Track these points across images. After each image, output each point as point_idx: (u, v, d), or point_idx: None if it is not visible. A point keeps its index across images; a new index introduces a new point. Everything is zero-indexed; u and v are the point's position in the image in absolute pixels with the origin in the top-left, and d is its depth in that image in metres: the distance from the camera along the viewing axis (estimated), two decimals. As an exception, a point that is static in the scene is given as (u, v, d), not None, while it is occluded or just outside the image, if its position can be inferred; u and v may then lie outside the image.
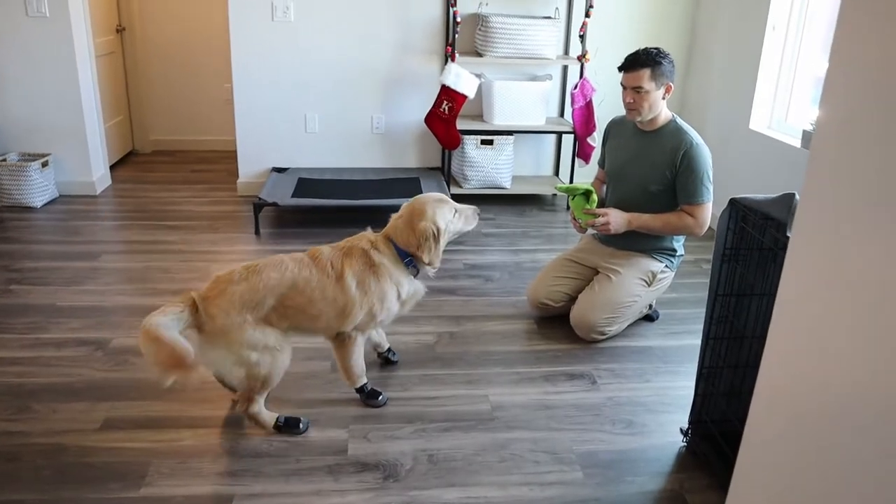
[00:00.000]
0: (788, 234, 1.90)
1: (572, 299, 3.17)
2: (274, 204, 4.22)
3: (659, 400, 2.70)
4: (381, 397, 2.60)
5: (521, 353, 3.00)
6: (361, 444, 2.38)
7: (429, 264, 2.50)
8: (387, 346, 2.88)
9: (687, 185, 2.94)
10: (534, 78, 4.86)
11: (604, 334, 3.07)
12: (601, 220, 2.98)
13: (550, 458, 2.34)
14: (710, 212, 2.97)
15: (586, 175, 4.71)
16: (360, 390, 2.59)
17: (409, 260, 2.48)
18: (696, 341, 3.05)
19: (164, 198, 4.97)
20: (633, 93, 2.93)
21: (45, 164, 4.67)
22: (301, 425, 2.41)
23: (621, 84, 2.98)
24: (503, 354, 2.98)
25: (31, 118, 4.70)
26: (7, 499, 2.09)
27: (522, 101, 4.70)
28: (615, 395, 2.72)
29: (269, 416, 2.41)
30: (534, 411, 2.59)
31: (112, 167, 5.44)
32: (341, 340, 2.48)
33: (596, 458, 2.35)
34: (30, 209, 4.61)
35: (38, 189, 4.63)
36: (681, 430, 2.45)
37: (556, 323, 3.22)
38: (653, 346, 3.10)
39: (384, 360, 2.89)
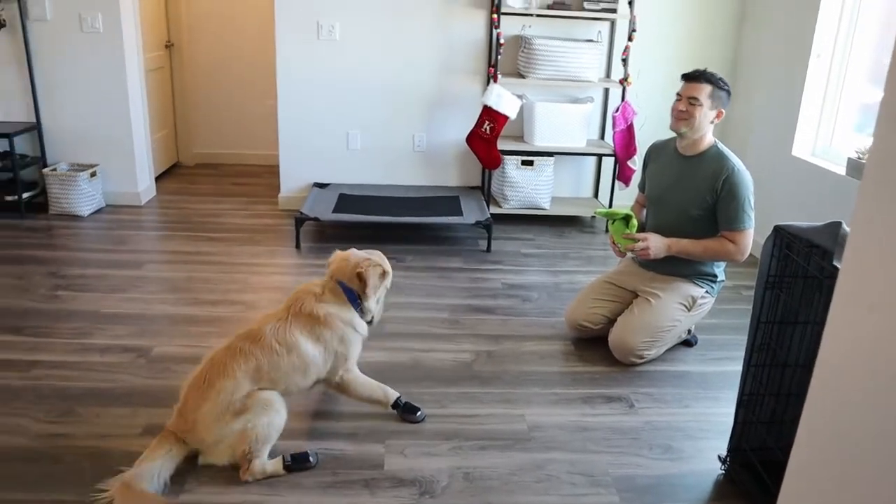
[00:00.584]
0: (835, 263, 1.89)
1: (611, 322, 3.16)
2: (315, 219, 4.27)
3: (697, 426, 2.67)
4: (418, 413, 2.61)
5: (559, 373, 2.99)
6: (398, 460, 2.39)
7: (368, 303, 2.50)
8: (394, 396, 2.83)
9: (728, 210, 2.92)
10: (575, 100, 4.88)
11: (642, 358, 3.05)
12: (641, 244, 2.97)
13: (587, 481, 2.33)
14: (751, 238, 2.95)
15: (626, 198, 4.71)
16: (395, 406, 2.60)
17: (357, 303, 2.48)
18: (736, 368, 3.02)
19: (207, 210, 5.06)
20: (688, 102, 2.94)
21: (93, 175, 4.79)
22: (311, 459, 2.32)
23: (677, 93, 2.99)
24: (541, 375, 2.98)
25: (82, 129, 4.84)
26: (51, 498, 2.14)
27: (563, 123, 4.71)
28: (653, 419, 2.70)
29: (275, 463, 2.29)
30: (571, 433, 2.58)
31: (157, 178, 5.56)
32: (337, 386, 2.51)
33: (633, 483, 2.33)
34: (77, 217, 4.73)
35: (86, 198, 4.74)
36: (719, 457, 2.42)
37: (594, 345, 3.21)
38: (691, 371, 3.07)
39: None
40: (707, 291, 3.12)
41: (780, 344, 2.20)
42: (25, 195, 4.72)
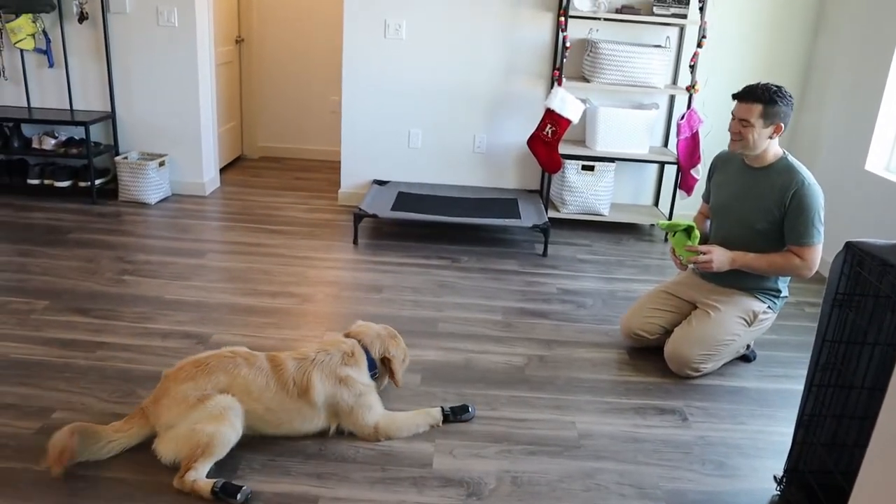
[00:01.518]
0: (910, 283, 1.83)
1: (667, 332, 3.11)
2: (374, 216, 4.31)
3: (752, 444, 2.60)
4: (469, 410, 2.63)
5: (612, 382, 2.95)
6: (446, 459, 2.39)
7: (394, 378, 2.58)
8: None
9: (797, 224, 2.84)
10: (639, 106, 4.81)
11: (698, 371, 2.99)
12: (703, 257, 2.91)
13: (636, 493, 2.29)
14: (819, 254, 2.86)
15: (687, 207, 4.63)
16: (446, 419, 2.60)
17: (375, 372, 2.54)
18: (795, 386, 2.95)
19: (268, 202, 5.15)
20: (740, 124, 2.86)
21: (161, 164, 4.93)
22: (239, 496, 2.12)
23: (732, 112, 2.92)
24: (593, 382, 2.95)
25: (153, 120, 4.99)
26: (109, 476, 2.21)
27: (626, 129, 4.65)
28: (707, 434, 2.64)
29: (204, 485, 2.14)
30: (622, 443, 2.55)
31: (221, 170, 5.69)
32: (378, 436, 2.47)
33: (684, 498, 2.28)
34: (144, 205, 4.87)
35: (154, 187, 4.89)
36: (774, 477, 2.35)
37: (648, 355, 3.16)
38: (749, 387, 2.99)
39: None
40: (769, 307, 3.04)
41: (846, 364, 2.13)
42: (98, 182, 4.89)
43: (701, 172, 4.57)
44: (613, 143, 4.68)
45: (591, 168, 4.70)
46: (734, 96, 2.91)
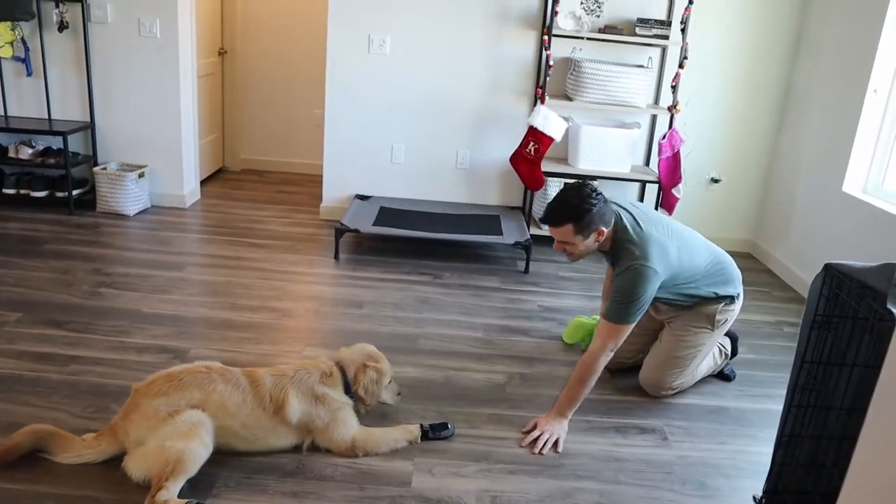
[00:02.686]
0: (889, 307, 1.84)
1: (644, 351, 3.11)
2: (356, 230, 4.29)
3: (733, 464, 2.60)
4: (448, 427, 2.62)
5: (593, 401, 2.94)
6: (426, 478, 2.37)
7: (364, 402, 2.55)
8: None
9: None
10: (622, 125, 4.84)
11: (674, 389, 2.99)
12: (541, 438, 2.62)
13: (617, 513, 2.28)
14: (612, 332, 2.67)
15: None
16: (424, 436, 2.58)
17: (350, 394, 2.53)
18: (775, 406, 2.96)
19: (249, 216, 5.12)
20: (561, 244, 2.73)
21: (141, 175, 4.88)
22: None
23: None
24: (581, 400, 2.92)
25: (133, 131, 4.94)
26: (82, 494, 2.16)
27: (609, 148, 4.67)
28: (687, 454, 2.64)
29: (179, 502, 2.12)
30: (602, 462, 2.54)
31: (202, 182, 5.65)
32: (355, 451, 2.45)
33: (664, 519, 2.28)
34: (123, 217, 4.82)
35: (133, 198, 4.83)
36: (754, 497, 2.35)
37: (629, 374, 3.15)
38: (728, 406, 3.00)
39: None
40: (729, 301, 2.94)
41: (825, 385, 2.13)
42: (75, 192, 4.83)
43: (682, 192, 4.61)
44: (596, 161, 4.70)
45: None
46: (542, 220, 2.81)
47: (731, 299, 2.95)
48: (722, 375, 3.22)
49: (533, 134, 4.48)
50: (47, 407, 2.59)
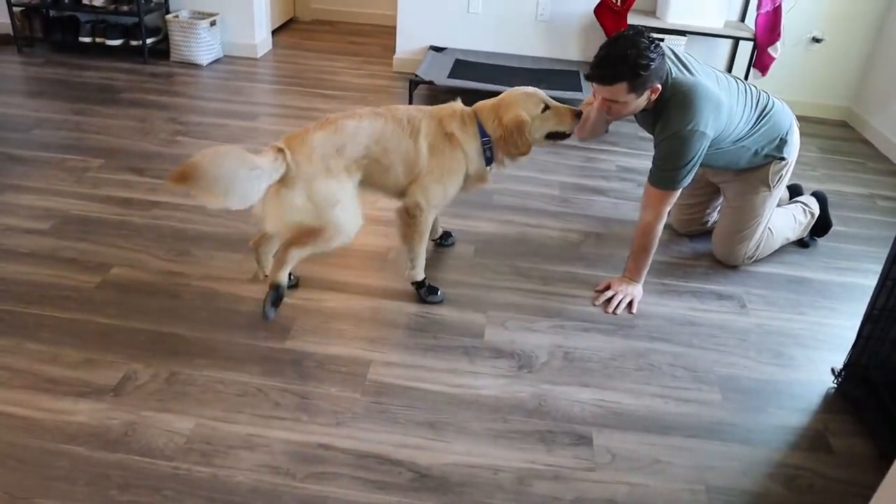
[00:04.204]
0: None
1: (714, 209, 3.03)
2: (430, 83, 4.16)
3: (811, 335, 2.53)
4: (438, 293, 2.53)
5: (670, 264, 2.87)
6: (498, 331, 2.38)
7: (508, 155, 2.41)
8: (440, 231, 2.85)
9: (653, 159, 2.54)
10: (718, -26, 4.45)
11: (752, 258, 2.87)
12: (614, 299, 2.57)
13: (689, 375, 2.26)
14: (662, 198, 2.51)
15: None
16: (420, 285, 2.51)
17: (487, 142, 2.39)
18: (862, 280, 2.85)
19: (321, 66, 5.02)
20: (608, 102, 2.41)
21: (213, 24, 4.79)
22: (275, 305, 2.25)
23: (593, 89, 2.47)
24: (650, 263, 2.86)
25: (206, -24, 4.82)
26: (169, 331, 2.26)
27: (701, 0, 4.33)
28: (765, 322, 2.57)
29: (284, 274, 2.25)
30: (677, 325, 2.50)
31: (273, 32, 5.52)
32: (410, 214, 2.37)
33: (737, 384, 2.25)
34: (196, 66, 4.78)
35: (205, 47, 4.77)
36: (833, 370, 2.29)
37: (710, 238, 3.04)
38: (811, 278, 2.89)
39: (437, 245, 2.85)
40: (779, 158, 2.70)
41: (928, 258, 2.01)
42: (149, 41, 4.79)
43: (779, 50, 4.28)
44: (686, 14, 4.37)
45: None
46: (588, 79, 2.41)
47: (781, 151, 2.68)
48: (801, 243, 3.08)
49: (620, -17, 4.17)
50: (132, 249, 2.67)
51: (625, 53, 2.27)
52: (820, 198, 3.10)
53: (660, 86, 2.38)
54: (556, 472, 1.86)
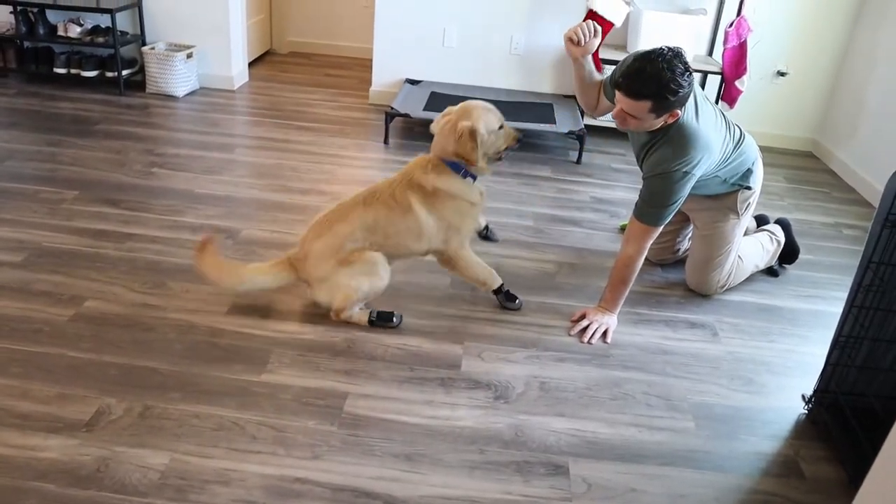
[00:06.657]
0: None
1: (683, 238, 3.10)
2: (406, 115, 4.21)
3: (782, 362, 2.58)
4: (517, 301, 2.71)
5: (643, 294, 2.92)
6: (475, 362, 2.40)
7: (478, 164, 2.49)
8: (484, 223, 3.13)
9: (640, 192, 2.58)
10: (686, 11, 4.57)
11: (724, 286, 2.93)
12: (589, 327, 2.61)
13: (663, 404, 2.29)
14: (643, 234, 2.57)
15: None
16: (498, 291, 2.69)
17: (460, 167, 2.49)
18: (829, 308, 2.91)
19: (298, 99, 5.05)
20: (625, 114, 2.37)
21: (189, 56, 4.82)
22: (394, 319, 2.53)
23: (615, 99, 2.42)
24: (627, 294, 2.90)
25: (181, 10, 4.83)
26: (143, 364, 2.24)
27: (671, 35, 4.41)
28: (736, 350, 2.61)
29: (360, 315, 2.54)
30: (651, 354, 2.54)
31: (250, 65, 5.55)
32: (448, 261, 2.58)
33: (710, 411, 2.28)
34: (172, 98, 4.79)
35: (182, 79, 4.79)
36: (803, 396, 2.33)
37: (681, 267, 3.10)
38: (781, 306, 2.95)
39: (483, 238, 3.11)
40: (745, 188, 2.76)
41: (890, 287, 2.06)
42: (125, 72, 4.80)
43: (746, 84, 4.39)
44: (656, 49, 4.47)
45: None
46: (615, 86, 2.35)
47: (748, 188, 2.76)
48: (770, 272, 3.15)
49: (592, 18, 4.25)
50: (106, 281, 2.66)
51: (659, 73, 2.21)
52: (784, 225, 3.19)
53: (679, 113, 2.37)
54: (533, 502, 1.87)
